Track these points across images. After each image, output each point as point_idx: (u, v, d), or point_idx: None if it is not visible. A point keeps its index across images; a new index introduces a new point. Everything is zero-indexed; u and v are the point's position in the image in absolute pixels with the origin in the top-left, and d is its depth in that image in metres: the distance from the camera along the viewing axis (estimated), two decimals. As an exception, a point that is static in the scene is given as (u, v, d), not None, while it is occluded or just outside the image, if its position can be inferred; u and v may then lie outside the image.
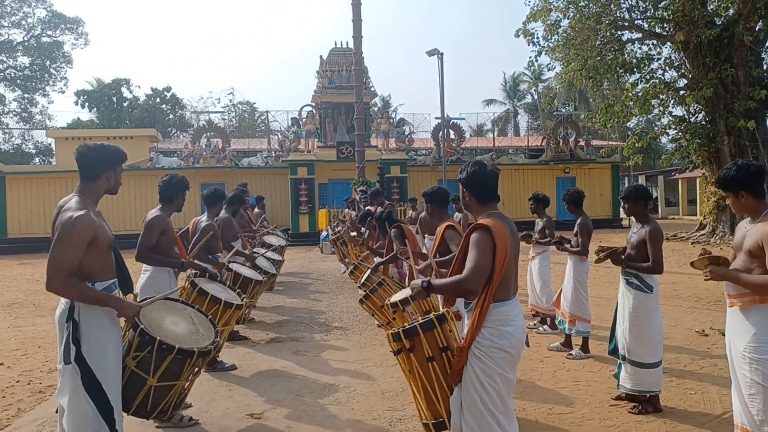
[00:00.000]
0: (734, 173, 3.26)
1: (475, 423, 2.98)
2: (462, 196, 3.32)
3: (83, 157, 3.22)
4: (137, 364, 3.18)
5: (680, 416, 4.60)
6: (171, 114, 44.27)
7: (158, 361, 3.18)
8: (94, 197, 3.25)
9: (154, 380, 3.20)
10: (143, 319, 3.26)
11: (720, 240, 18.87)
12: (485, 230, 3.01)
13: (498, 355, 2.99)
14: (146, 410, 3.30)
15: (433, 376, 3.12)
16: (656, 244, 4.68)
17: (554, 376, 5.72)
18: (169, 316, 3.58)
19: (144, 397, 3.24)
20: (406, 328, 3.19)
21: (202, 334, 3.60)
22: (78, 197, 3.17)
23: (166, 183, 4.98)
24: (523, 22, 21.12)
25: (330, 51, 26.08)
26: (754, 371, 3.11)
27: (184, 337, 3.43)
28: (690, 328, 7.46)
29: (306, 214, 24.26)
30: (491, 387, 2.97)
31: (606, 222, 26.77)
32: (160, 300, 3.66)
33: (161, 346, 3.16)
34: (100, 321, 3.10)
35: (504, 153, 31.94)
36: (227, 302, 4.93)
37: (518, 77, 50.82)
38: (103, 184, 3.26)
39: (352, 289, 11.21)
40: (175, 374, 3.28)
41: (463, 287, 2.97)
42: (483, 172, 3.20)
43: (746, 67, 18.72)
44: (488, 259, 2.96)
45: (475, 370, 2.99)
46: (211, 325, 3.81)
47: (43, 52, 39.99)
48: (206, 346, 3.43)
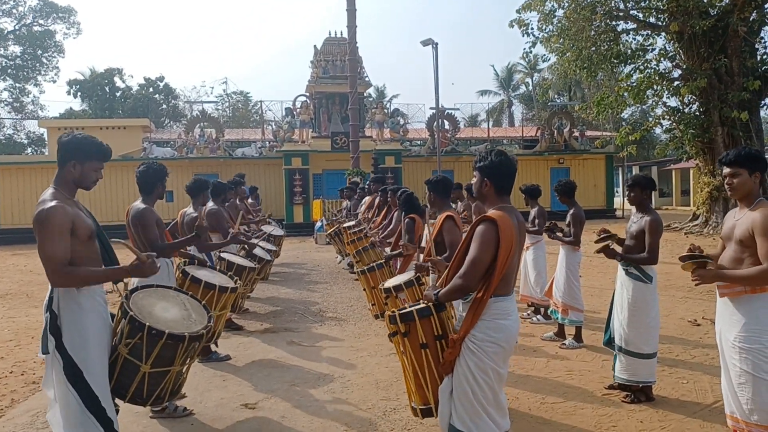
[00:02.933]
0: (756, 152, 3.25)
1: (466, 415, 2.99)
2: (480, 185, 3.15)
3: (58, 144, 3.20)
4: (129, 351, 3.18)
5: (672, 405, 4.63)
6: (164, 104, 44.05)
7: (149, 347, 3.18)
8: (66, 188, 3.17)
9: (147, 366, 3.20)
10: (133, 306, 3.27)
11: (713, 230, 18.95)
12: (491, 223, 2.98)
13: (492, 349, 2.99)
14: (142, 397, 3.30)
15: (425, 362, 3.14)
16: (654, 235, 4.68)
17: (547, 365, 5.75)
18: (161, 302, 3.58)
19: (139, 383, 3.24)
20: (402, 312, 3.19)
21: (194, 319, 3.59)
22: (52, 189, 3.12)
23: (144, 173, 4.83)
24: (517, 11, 21.05)
25: (324, 41, 25.91)
26: (744, 360, 3.13)
27: (175, 323, 3.43)
28: (682, 318, 7.50)
29: (300, 204, 24.22)
30: (483, 381, 2.98)
31: (600, 212, 26.87)
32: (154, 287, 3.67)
33: (151, 331, 3.15)
34: (81, 311, 3.06)
35: (498, 144, 31.92)
36: (222, 287, 4.92)
37: (512, 67, 50.72)
38: (68, 174, 3.17)
39: (346, 280, 11.22)
40: (167, 360, 3.28)
41: (462, 285, 2.98)
42: (508, 162, 3.10)
43: (740, 57, 18.74)
44: (488, 254, 2.94)
45: (469, 363, 2.99)
46: (204, 310, 3.80)
47: (34, 42, 39.61)
48: (198, 330, 3.42)
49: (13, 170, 23.93)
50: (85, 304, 3.09)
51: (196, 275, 4.91)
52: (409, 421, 4.39)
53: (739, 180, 3.24)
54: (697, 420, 4.34)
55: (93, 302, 3.14)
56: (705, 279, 3.24)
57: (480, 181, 3.15)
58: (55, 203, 2.99)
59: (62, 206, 3.00)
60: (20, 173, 23.91)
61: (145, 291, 3.57)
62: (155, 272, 3.22)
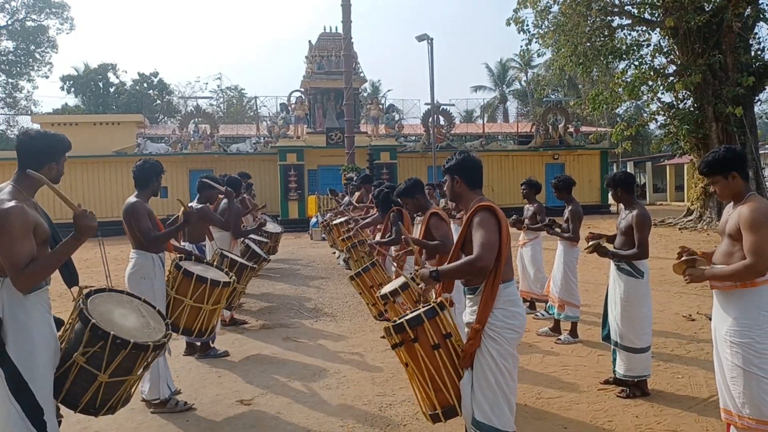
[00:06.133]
0: (725, 153, 3.25)
1: (487, 405, 3.00)
2: (452, 185, 3.32)
3: (24, 146, 2.98)
4: (87, 359, 3.01)
5: (667, 400, 4.65)
6: (158, 99, 43.87)
7: (111, 356, 3.02)
8: (30, 188, 2.99)
9: (105, 376, 3.04)
10: (93, 313, 3.09)
11: (707, 226, 19.02)
12: (489, 210, 3.08)
13: (510, 335, 3.06)
14: (95, 407, 3.13)
15: (440, 363, 3.09)
16: (642, 229, 4.69)
17: (543, 360, 5.76)
18: (118, 308, 3.42)
19: (93, 393, 3.08)
20: (409, 318, 3.10)
21: (153, 326, 3.46)
22: (11, 187, 2.91)
23: (140, 168, 4.82)
24: (514, 9, 21.06)
25: (319, 36, 25.84)
26: (735, 355, 3.15)
27: (135, 331, 3.29)
28: (677, 313, 7.53)
29: (295, 200, 24.19)
30: (505, 367, 3.03)
31: (595, 208, 26.91)
32: (107, 291, 3.49)
33: (115, 341, 2.99)
34: (27, 317, 2.85)
35: (493, 139, 31.92)
36: (213, 280, 4.89)
37: (507, 63, 50.72)
38: (46, 175, 2.98)
39: (341, 276, 11.21)
40: (127, 369, 3.14)
41: (476, 265, 2.97)
42: (471, 158, 3.30)
43: (735, 53, 18.77)
44: (496, 237, 3.02)
45: (491, 351, 3.02)
46: (159, 316, 3.68)
47: (27, 37, 39.42)
48: (159, 339, 3.30)
49: (5, 166, 23.76)
50: (31, 309, 2.87)
51: (189, 269, 4.89)
52: (405, 416, 4.39)
53: (720, 186, 3.30)
54: (692, 414, 4.35)
55: (40, 308, 2.93)
56: (695, 278, 3.28)
57: (451, 180, 3.33)
58: (15, 203, 2.77)
59: (24, 208, 2.80)
60: (13, 169, 23.59)
61: (100, 296, 3.38)
62: (94, 223, 2.87)
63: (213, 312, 4.92)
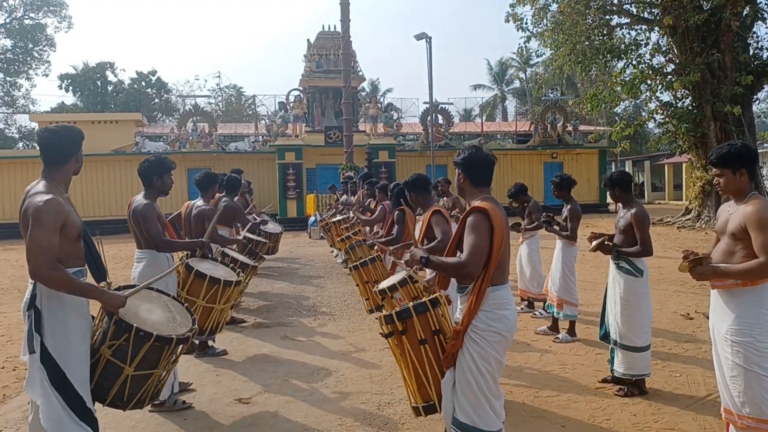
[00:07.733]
0: (740, 148, 3.24)
1: (469, 406, 3.00)
2: (457, 178, 3.33)
3: (48, 142, 3.07)
4: (113, 352, 3.09)
5: (665, 398, 4.65)
6: (156, 98, 43.82)
7: (135, 349, 3.10)
8: (64, 182, 3.12)
9: (131, 369, 3.12)
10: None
11: (705, 224, 19.03)
12: (482, 213, 3.03)
13: (494, 338, 3.01)
14: (123, 400, 3.21)
15: (425, 358, 3.13)
16: (642, 227, 4.70)
17: (541, 359, 5.76)
18: (144, 303, 3.49)
19: (120, 386, 3.16)
20: (399, 311, 3.18)
21: (179, 321, 3.53)
22: (45, 182, 3.04)
23: (142, 165, 4.69)
24: (511, 5, 21.01)
25: (317, 34, 25.83)
26: (736, 353, 3.15)
27: (160, 325, 3.36)
28: (675, 312, 7.53)
29: (294, 199, 24.18)
30: (486, 370, 3.00)
31: (593, 207, 26.93)
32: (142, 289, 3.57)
33: (138, 333, 3.07)
34: (63, 309, 2.97)
35: (492, 138, 31.94)
36: (226, 281, 4.90)
37: (506, 62, 50.69)
38: (72, 167, 3.14)
39: (340, 274, 11.21)
40: (152, 363, 3.21)
41: (462, 270, 2.97)
42: (479, 154, 3.26)
43: (733, 52, 18.78)
44: (486, 242, 2.97)
45: (472, 353, 3.01)
46: (187, 312, 3.73)
47: (25, 35, 39.35)
48: (184, 333, 3.37)
49: (4, 165, 23.76)
50: (68, 302, 2.98)
51: (200, 270, 4.88)
52: (404, 415, 4.40)
53: (724, 180, 3.29)
54: (690, 413, 4.36)
55: (76, 300, 3.03)
56: (704, 276, 3.26)
57: (457, 174, 3.31)
58: (52, 196, 2.92)
59: (60, 200, 2.94)
60: (11, 168, 23.73)
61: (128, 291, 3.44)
62: (120, 305, 3.05)
63: (223, 311, 4.94)
